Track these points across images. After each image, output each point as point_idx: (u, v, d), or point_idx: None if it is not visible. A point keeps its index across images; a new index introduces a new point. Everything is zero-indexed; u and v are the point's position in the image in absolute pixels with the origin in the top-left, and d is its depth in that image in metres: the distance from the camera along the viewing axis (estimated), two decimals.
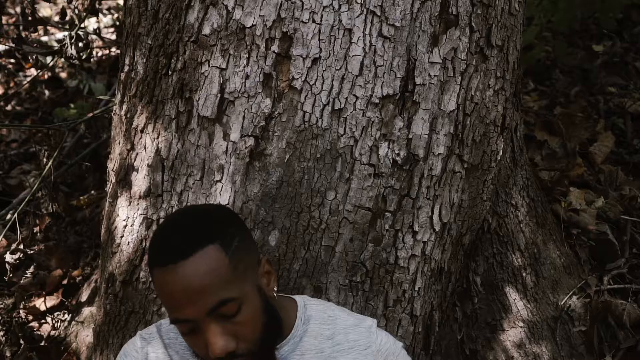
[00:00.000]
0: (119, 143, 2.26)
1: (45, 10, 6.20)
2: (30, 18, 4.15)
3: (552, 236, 2.82)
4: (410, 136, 2.01)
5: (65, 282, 3.33)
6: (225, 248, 1.48)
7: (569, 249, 2.94)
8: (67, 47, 3.47)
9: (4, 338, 3.06)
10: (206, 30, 2.00)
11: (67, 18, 4.91)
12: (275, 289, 1.62)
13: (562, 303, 2.79)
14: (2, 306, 3.21)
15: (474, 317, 2.70)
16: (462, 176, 2.17)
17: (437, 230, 2.13)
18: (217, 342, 1.48)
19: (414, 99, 2.00)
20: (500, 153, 2.34)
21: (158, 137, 2.10)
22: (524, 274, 2.71)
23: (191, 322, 1.49)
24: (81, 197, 3.83)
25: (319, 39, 1.94)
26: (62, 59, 3.81)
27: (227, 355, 1.50)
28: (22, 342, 3.04)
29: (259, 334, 1.55)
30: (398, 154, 2.01)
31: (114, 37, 5.71)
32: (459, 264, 2.43)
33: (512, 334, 2.71)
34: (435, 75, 2.00)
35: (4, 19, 5.35)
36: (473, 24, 2.04)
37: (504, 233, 2.65)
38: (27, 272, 3.41)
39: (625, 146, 3.68)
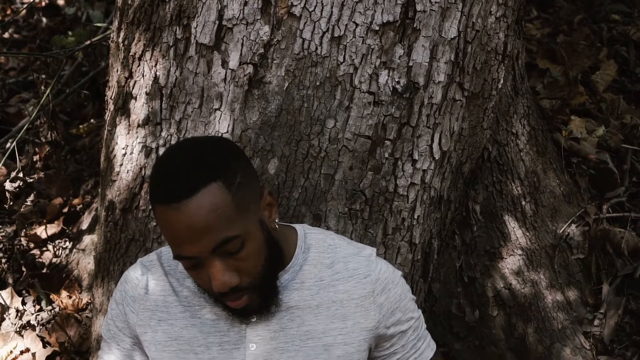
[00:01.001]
0: (117, 71, 2.24)
1: None
2: None
3: (552, 165, 2.82)
4: (411, 64, 1.99)
5: (65, 210, 3.35)
6: (228, 185, 1.47)
7: (568, 178, 2.94)
8: None
9: (6, 265, 3.09)
10: None
11: None
12: (276, 220, 1.62)
13: (560, 231, 2.80)
14: (3, 234, 3.23)
15: (473, 245, 2.72)
16: (462, 104, 2.15)
17: (436, 158, 2.12)
18: (221, 278, 1.48)
19: (415, 26, 1.97)
20: (501, 81, 2.31)
21: (156, 64, 2.08)
22: (523, 203, 2.72)
23: (194, 259, 1.49)
24: (80, 126, 3.82)
25: None
26: None
27: (230, 290, 1.51)
28: (24, 269, 3.07)
29: (262, 268, 1.56)
30: (398, 82, 1.99)
31: None
32: (458, 192, 2.43)
33: (510, 262, 2.73)
34: (436, 2, 1.97)
35: None
36: None
37: (504, 162, 2.64)
38: (27, 200, 3.42)
39: (627, 74, 3.65)
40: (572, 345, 2.73)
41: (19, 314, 2.87)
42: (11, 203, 3.39)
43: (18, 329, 2.80)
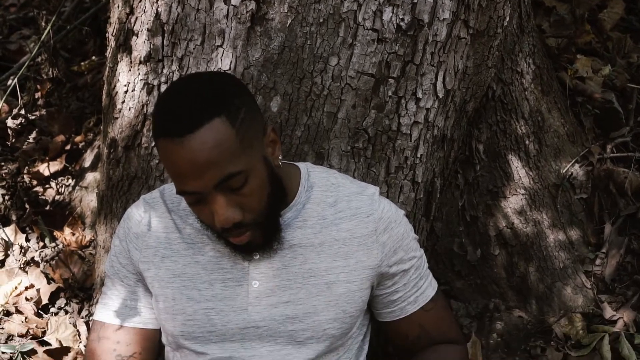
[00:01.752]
0: (118, 7, 2.21)
1: None
2: None
3: (556, 104, 2.80)
4: (415, 0, 1.96)
5: (68, 147, 3.34)
6: (232, 120, 1.46)
7: (573, 117, 2.92)
8: None
9: (9, 202, 3.09)
10: None
11: None
12: (280, 157, 1.62)
13: (564, 171, 2.79)
14: (6, 171, 3.23)
15: (476, 184, 2.71)
16: (467, 42, 2.13)
17: (440, 97, 2.11)
18: (224, 213, 1.48)
19: None
20: (507, 19, 2.28)
21: (157, 0, 2.05)
22: (527, 142, 2.71)
23: (197, 194, 1.48)
24: (82, 63, 3.79)
25: None
26: None
27: (233, 225, 1.51)
28: (27, 206, 3.08)
29: (265, 204, 1.56)
30: (402, 19, 1.96)
31: None
32: (462, 131, 2.42)
33: (513, 201, 2.73)
34: None
35: None
36: None
37: (508, 100, 2.62)
38: (29, 137, 3.41)
39: (635, 13, 3.60)
40: (573, 284, 2.75)
41: (23, 251, 2.89)
42: (13, 140, 3.39)
43: (22, 266, 2.82)
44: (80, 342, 2.59)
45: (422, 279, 1.79)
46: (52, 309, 2.75)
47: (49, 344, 2.57)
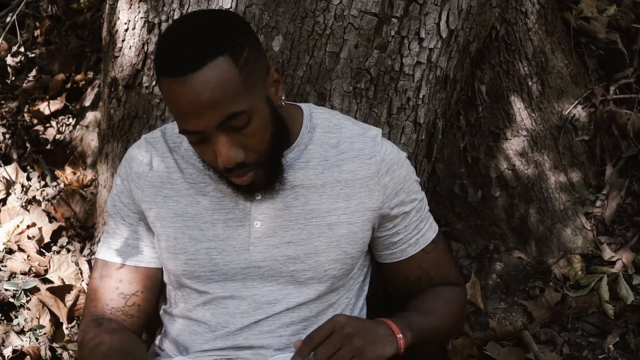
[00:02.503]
0: None
1: None
2: None
3: (560, 45, 2.77)
4: None
5: (68, 86, 3.32)
6: (235, 60, 1.45)
7: (577, 58, 2.90)
8: None
9: (10, 141, 3.09)
10: None
11: None
12: (282, 97, 1.61)
13: (566, 112, 2.78)
14: (6, 109, 3.22)
15: (478, 126, 2.70)
16: None
17: (443, 37, 2.09)
18: (226, 153, 1.48)
19: None
20: None
21: None
22: (530, 83, 2.69)
23: (200, 134, 1.48)
24: (81, 0, 3.75)
25: None
26: None
27: (235, 165, 1.50)
28: (27, 145, 3.07)
29: (267, 145, 1.55)
30: None
31: None
32: (464, 72, 2.40)
33: (514, 143, 2.72)
34: None
35: None
36: None
37: (511, 41, 2.60)
38: (29, 76, 3.39)
39: None
40: (573, 226, 2.76)
41: (24, 189, 2.89)
42: (13, 78, 3.36)
43: (24, 204, 2.82)
44: (83, 280, 2.61)
45: (422, 221, 1.79)
46: (54, 248, 2.76)
47: (52, 282, 2.59)
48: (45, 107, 3.20)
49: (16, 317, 2.49)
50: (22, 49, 3.42)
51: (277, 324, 1.66)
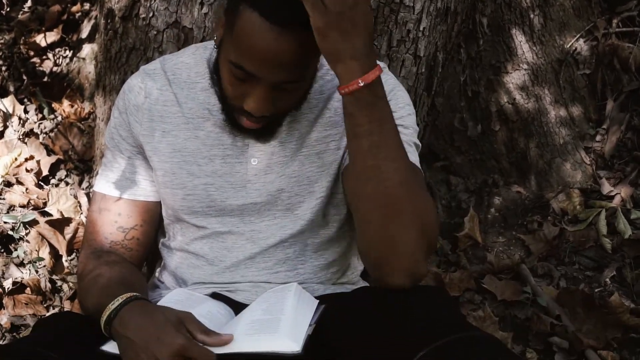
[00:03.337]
0: None
1: None
2: None
3: None
4: None
5: (64, 17, 3.28)
6: None
7: None
8: None
9: (6, 73, 3.06)
10: None
11: None
12: None
13: (568, 46, 2.76)
14: (2, 41, 3.18)
15: (478, 59, 2.68)
16: None
17: None
18: (260, 104, 1.45)
19: None
20: None
21: None
22: (531, 16, 2.66)
23: (252, 76, 1.45)
24: None
25: None
26: None
27: (260, 116, 1.49)
28: (24, 77, 3.05)
29: (293, 105, 1.56)
30: None
31: None
32: (465, 4, 2.37)
33: (515, 76, 2.70)
34: None
35: None
36: None
37: None
38: (24, 6, 3.34)
39: None
40: (572, 160, 2.76)
41: (22, 122, 2.88)
42: (8, 9, 3.32)
43: (21, 137, 2.81)
44: (82, 213, 2.61)
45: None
46: (53, 181, 2.76)
47: (50, 215, 2.59)
48: (41, 39, 3.17)
49: (15, 250, 2.50)
50: None
51: (273, 260, 1.66)
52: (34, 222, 2.55)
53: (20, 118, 2.89)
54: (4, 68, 3.07)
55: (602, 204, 2.66)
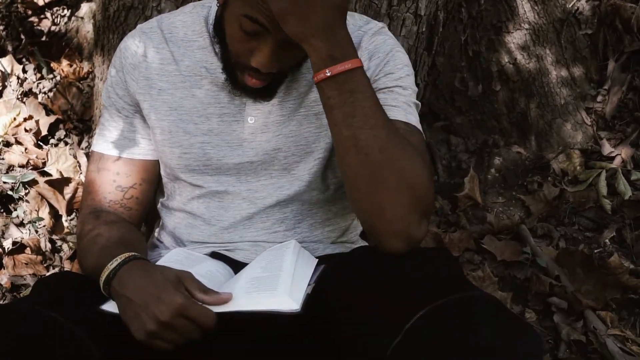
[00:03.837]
0: None
1: None
2: None
3: None
4: None
5: None
6: None
7: None
8: None
9: (4, 32, 3.04)
10: None
11: None
12: None
13: (570, 5, 2.74)
14: (0, 0, 3.16)
15: (479, 19, 2.66)
16: None
17: None
18: (267, 60, 1.44)
19: None
20: None
21: None
22: None
23: (262, 29, 1.43)
24: None
25: None
26: None
27: (266, 73, 1.48)
28: (22, 36, 3.03)
29: (297, 61, 1.56)
30: None
31: None
32: None
33: (516, 36, 2.68)
34: None
35: None
36: None
37: None
38: None
39: None
40: (573, 121, 2.75)
41: (20, 82, 2.86)
42: None
43: (19, 96, 2.80)
44: (81, 173, 2.61)
45: (399, 108, 1.69)
46: (52, 141, 2.75)
47: (50, 175, 2.59)
48: None
49: (15, 210, 2.50)
50: None
51: (272, 220, 1.66)
52: (33, 182, 2.54)
53: (18, 78, 2.87)
54: (1, 27, 3.05)
55: (603, 164, 2.66)
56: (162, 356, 1.37)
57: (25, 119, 2.73)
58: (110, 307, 1.40)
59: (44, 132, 2.74)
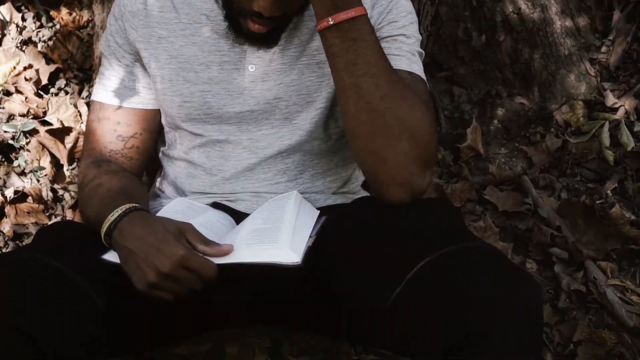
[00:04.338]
0: None
1: None
2: None
3: None
4: None
5: None
6: None
7: None
8: None
9: None
10: None
11: None
12: None
13: None
14: None
15: None
16: None
17: None
18: (270, 3, 1.42)
19: None
20: None
21: None
22: None
23: None
24: None
25: None
26: None
27: (267, 16, 1.46)
28: None
29: (299, 6, 1.53)
30: None
31: None
32: None
33: None
34: None
35: None
36: None
37: None
38: None
39: None
40: (577, 72, 2.73)
41: (20, 30, 2.84)
42: None
43: (19, 45, 2.78)
44: (82, 122, 2.60)
45: (404, 57, 1.68)
46: (52, 90, 2.74)
47: (51, 124, 2.58)
48: None
49: (16, 159, 2.50)
50: None
51: (273, 171, 1.66)
52: (34, 132, 2.54)
53: (18, 26, 2.85)
54: None
55: (606, 115, 2.65)
56: (163, 307, 1.38)
57: (25, 68, 2.71)
58: (112, 257, 1.41)
59: (44, 81, 2.73)
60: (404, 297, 1.28)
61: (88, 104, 2.63)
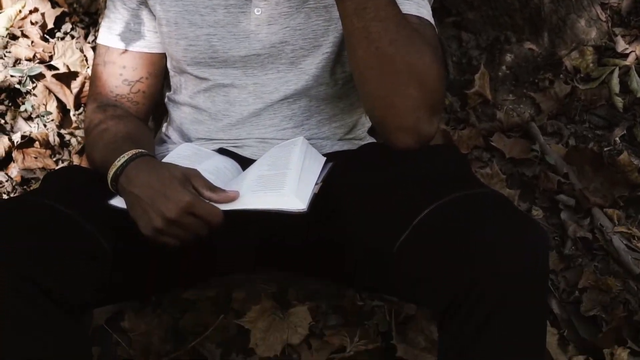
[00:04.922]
0: None
1: None
2: None
3: None
4: None
5: None
6: None
7: None
8: None
9: None
10: None
11: None
12: None
13: None
14: None
15: None
16: None
17: None
18: None
19: None
20: None
21: None
22: None
23: None
24: None
25: None
26: None
27: None
28: None
29: None
30: None
31: None
32: None
33: None
34: None
35: None
36: None
37: None
38: None
39: None
40: (587, 17, 2.70)
41: None
42: None
43: None
44: (88, 67, 2.59)
45: (413, 1, 1.65)
46: (58, 34, 2.72)
47: (57, 69, 2.57)
48: None
49: (23, 104, 2.50)
50: None
51: (279, 117, 1.66)
52: (40, 76, 2.53)
53: None
54: None
55: (616, 62, 2.62)
56: (170, 253, 1.39)
57: (30, 12, 2.69)
58: (118, 202, 1.41)
59: (50, 25, 2.70)
60: (410, 242, 1.28)
61: (94, 49, 2.61)
